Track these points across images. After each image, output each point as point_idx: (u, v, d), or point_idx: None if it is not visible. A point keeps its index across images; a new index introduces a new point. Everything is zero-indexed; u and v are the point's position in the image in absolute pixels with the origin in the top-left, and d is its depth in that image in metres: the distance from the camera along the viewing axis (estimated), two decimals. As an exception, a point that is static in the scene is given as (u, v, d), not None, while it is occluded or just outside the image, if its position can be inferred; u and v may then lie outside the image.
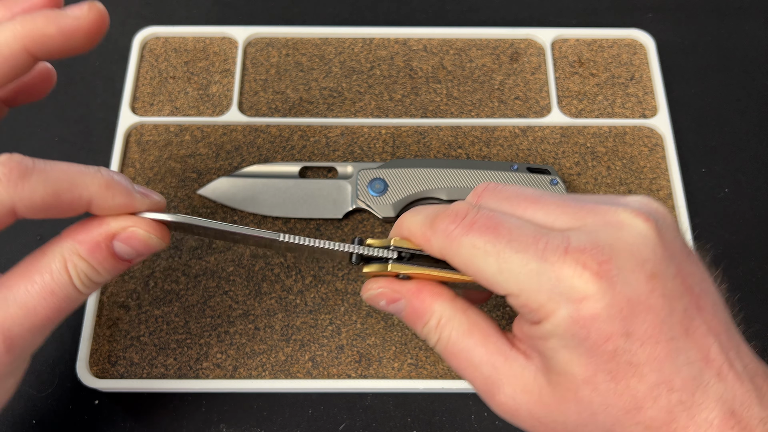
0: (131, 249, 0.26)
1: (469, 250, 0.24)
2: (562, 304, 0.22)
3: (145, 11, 0.48)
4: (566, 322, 0.22)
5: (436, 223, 0.25)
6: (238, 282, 0.38)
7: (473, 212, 0.24)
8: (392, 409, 0.36)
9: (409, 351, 0.37)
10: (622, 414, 0.22)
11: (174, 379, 0.36)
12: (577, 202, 0.24)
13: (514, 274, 0.23)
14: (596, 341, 0.22)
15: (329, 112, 0.44)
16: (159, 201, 0.27)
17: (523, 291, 0.23)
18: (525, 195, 0.25)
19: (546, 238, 0.23)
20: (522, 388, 0.24)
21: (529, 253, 0.23)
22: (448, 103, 0.44)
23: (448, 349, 0.26)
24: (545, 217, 0.24)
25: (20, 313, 0.24)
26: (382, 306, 0.27)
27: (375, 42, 0.46)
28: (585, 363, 0.22)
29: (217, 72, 0.45)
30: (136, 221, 0.25)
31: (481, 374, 0.25)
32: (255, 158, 0.42)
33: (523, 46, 0.46)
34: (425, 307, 0.26)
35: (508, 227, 0.23)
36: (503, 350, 0.25)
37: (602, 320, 0.22)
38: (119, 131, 0.43)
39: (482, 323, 0.26)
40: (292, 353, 0.37)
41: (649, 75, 0.46)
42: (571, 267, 0.22)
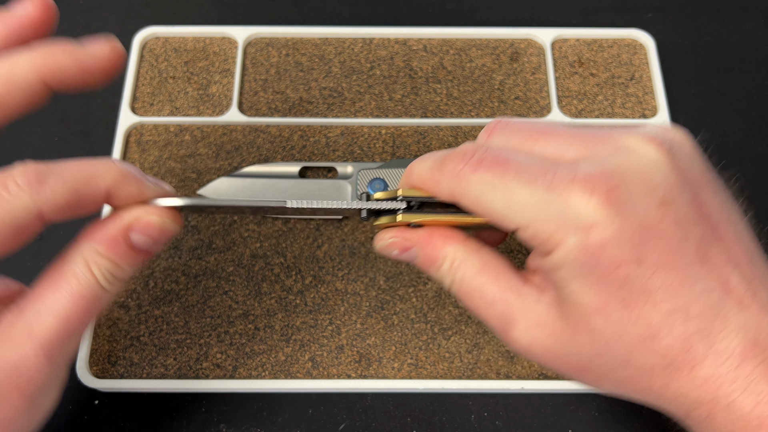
0: (148, 237, 0.26)
1: (477, 186, 0.23)
2: (570, 233, 0.22)
3: (145, 11, 0.48)
4: (575, 250, 0.22)
5: (445, 164, 0.25)
6: (238, 282, 0.38)
7: (481, 150, 0.24)
8: (392, 410, 0.36)
9: (409, 351, 0.37)
10: (636, 343, 0.22)
11: (174, 379, 0.36)
12: (589, 132, 0.24)
13: (522, 207, 0.22)
14: (606, 268, 0.21)
15: (329, 112, 0.44)
16: (169, 190, 0.27)
17: (532, 222, 0.22)
18: (535, 128, 0.25)
19: (554, 169, 0.22)
20: (535, 321, 0.24)
21: (537, 185, 0.22)
22: (448, 103, 0.44)
23: (462, 289, 0.26)
24: (555, 148, 0.24)
25: (55, 322, 0.24)
26: (395, 255, 0.27)
27: (375, 42, 0.46)
28: (596, 291, 0.22)
29: (217, 72, 0.45)
30: (148, 209, 0.26)
31: (495, 311, 0.25)
32: (255, 158, 0.42)
33: (523, 46, 0.46)
34: (437, 251, 0.26)
35: (516, 161, 0.23)
36: (516, 286, 0.25)
37: (612, 247, 0.21)
38: (119, 131, 0.43)
39: (494, 261, 0.26)
40: (291, 353, 0.37)
41: (649, 75, 0.46)
42: (579, 194, 0.21)
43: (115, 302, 0.38)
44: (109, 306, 0.38)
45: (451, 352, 0.37)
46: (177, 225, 0.26)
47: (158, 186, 0.26)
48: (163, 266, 0.39)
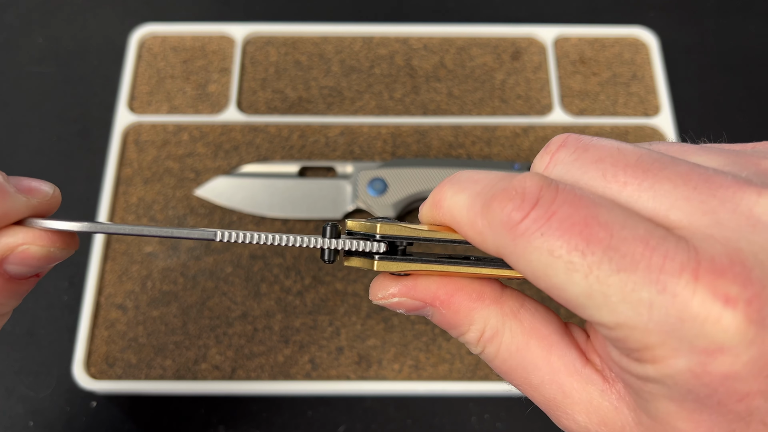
0: (30, 267, 0.20)
1: (545, 257, 0.16)
2: (681, 353, 0.15)
3: (143, 9, 0.48)
4: (684, 376, 0.16)
5: (493, 209, 0.17)
6: (237, 283, 0.38)
7: (549, 193, 0.16)
8: (392, 412, 0.36)
9: (410, 353, 0.37)
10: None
11: (172, 381, 0.36)
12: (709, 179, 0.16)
13: (612, 303, 0.16)
14: (723, 401, 0.16)
15: (329, 111, 0.44)
16: (47, 193, 0.20)
17: (623, 326, 0.16)
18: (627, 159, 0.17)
19: (665, 246, 0.15)
20: (599, 419, 0.19)
21: (639, 273, 0.15)
22: (448, 102, 0.44)
23: (497, 364, 0.20)
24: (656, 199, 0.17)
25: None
26: (401, 311, 0.21)
27: (375, 40, 0.46)
28: (698, 421, 0.17)
29: (216, 71, 0.45)
30: (25, 236, 0.19)
31: (543, 395, 0.19)
32: (253, 157, 0.42)
33: (524, 45, 0.46)
34: (461, 318, 0.20)
35: (605, 223, 0.16)
36: (574, 367, 0.19)
37: (741, 378, 0.15)
38: (117, 130, 0.42)
39: (542, 328, 0.19)
40: (291, 355, 0.36)
41: (651, 74, 0.45)
42: (706, 303, 0.15)
43: (112, 303, 0.38)
44: (106, 307, 0.38)
45: (451, 353, 0.37)
46: (69, 249, 0.20)
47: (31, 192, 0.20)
48: (161, 267, 0.38)
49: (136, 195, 0.40)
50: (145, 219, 0.40)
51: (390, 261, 0.19)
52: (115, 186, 0.41)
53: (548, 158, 0.18)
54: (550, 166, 0.18)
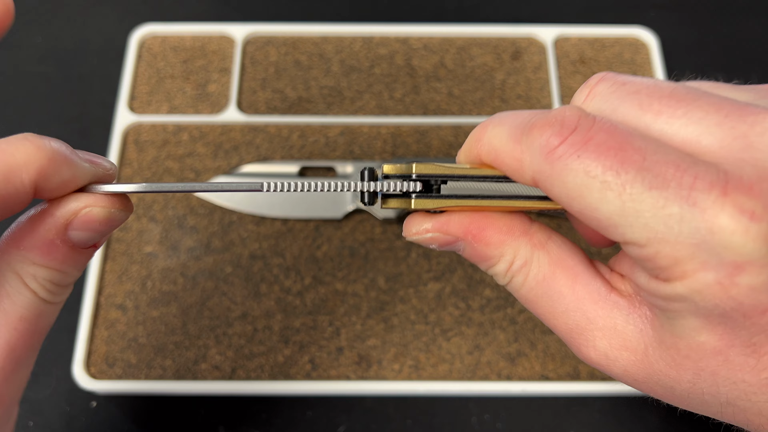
0: (93, 233, 0.20)
1: (581, 178, 0.17)
2: (710, 267, 0.16)
3: (143, 9, 0.48)
4: (712, 289, 0.16)
5: (533, 136, 0.18)
6: (237, 283, 0.38)
7: (587, 122, 0.17)
8: (392, 412, 0.36)
9: (410, 353, 0.37)
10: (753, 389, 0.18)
11: (172, 381, 0.36)
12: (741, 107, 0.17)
13: (645, 219, 0.16)
14: (748, 314, 0.17)
15: (329, 110, 0.43)
16: (108, 167, 0.21)
17: (654, 241, 0.17)
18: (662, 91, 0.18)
19: (695, 168, 0.16)
20: (621, 343, 0.19)
21: (670, 190, 0.16)
22: (448, 101, 0.44)
23: (523, 293, 0.21)
24: (689, 127, 0.17)
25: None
26: (434, 247, 0.22)
27: (375, 40, 0.46)
28: (721, 333, 0.17)
29: (216, 70, 0.45)
30: (87, 199, 0.20)
31: (567, 323, 0.20)
32: (253, 157, 0.42)
33: (524, 45, 0.46)
34: (491, 250, 0.21)
35: (639, 148, 0.17)
36: (598, 294, 0.20)
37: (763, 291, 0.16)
38: (116, 130, 0.42)
39: (568, 259, 0.20)
40: (291, 355, 0.36)
41: (651, 74, 0.45)
42: (733, 216, 0.16)
43: (112, 303, 0.38)
44: (106, 307, 0.38)
45: (451, 353, 0.37)
46: (126, 212, 0.21)
47: (94, 164, 0.21)
48: (161, 267, 0.38)
49: (135, 195, 0.40)
50: (144, 219, 0.40)
51: (426, 199, 0.20)
52: (114, 186, 0.41)
53: (587, 91, 0.19)
54: (589, 98, 0.19)
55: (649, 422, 0.36)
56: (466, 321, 0.37)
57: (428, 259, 0.39)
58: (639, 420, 0.36)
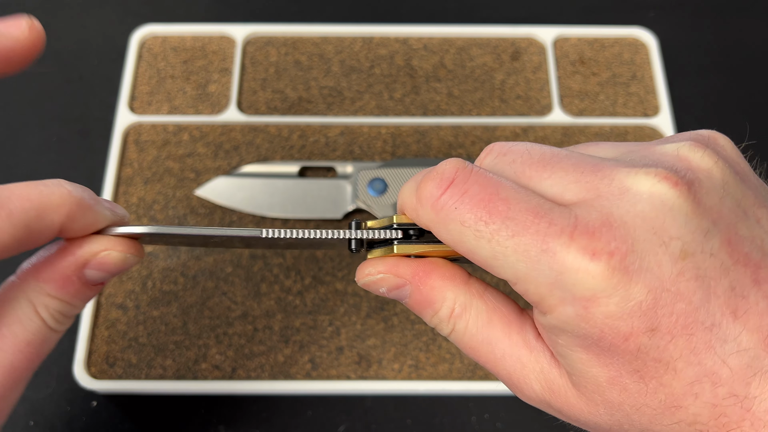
0: (106, 273, 0.23)
1: (458, 227, 0.20)
2: (567, 301, 0.19)
3: (143, 10, 0.48)
4: (574, 320, 0.19)
5: (421, 189, 0.21)
6: (237, 283, 0.38)
7: (464, 173, 0.20)
8: (392, 411, 0.36)
9: (410, 352, 0.37)
10: (658, 413, 0.19)
11: (172, 381, 0.36)
12: (595, 165, 0.20)
13: (511, 261, 0.19)
14: (613, 341, 0.19)
15: (329, 111, 0.44)
16: (123, 214, 0.23)
17: (521, 280, 0.19)
18: (533, 158, 0.21)
19: (549, 215, 0.19)
20: (549, 387, 0.21)
21: (528, 237, 0.19)
22: (448, 102, 0.44)
23: (465, 341, 0.23)
24: (553, 186, 0.20)
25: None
26: (382, 293, 0.24)
27: (375, 40, 0.46)
28: (605, 363, 0.19)
29: (216, 71, 0.45)
30: (107, 242, 0.22)
31: (505, 369, 0.22)
32: (254, 158, 0.42)
33: (524, 45, 0.46)
34: (434, 294, 0.23)
35: (504, 198, 0.20)
36: (528, 341, 0.22)
37: (617, 319, 0.18)
38: (117, 130, 0.42)
39: (503, 308, 0.22)
40: (291, 354, 0.37)
41: (651, 74, 0.45)
42: (577, 257, 0.18)
43: (112, 303, 0.38)
44: (106, 307, 0.38)
45: (451, 353, 0.37)
46: (139, 257, 0.23)
47: (113, 211, 0.23)
48: (162, 267, 0.39)
49: (136, 195, 0.41)
50: (145, 219, 0.40)
51: (407, 245, 0.23)
52: (115, 186, 0.41)
53: (478, 164, 0.22)
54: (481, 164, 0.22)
55: None
56: (465, 321, 0.37)
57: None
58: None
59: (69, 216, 0.21)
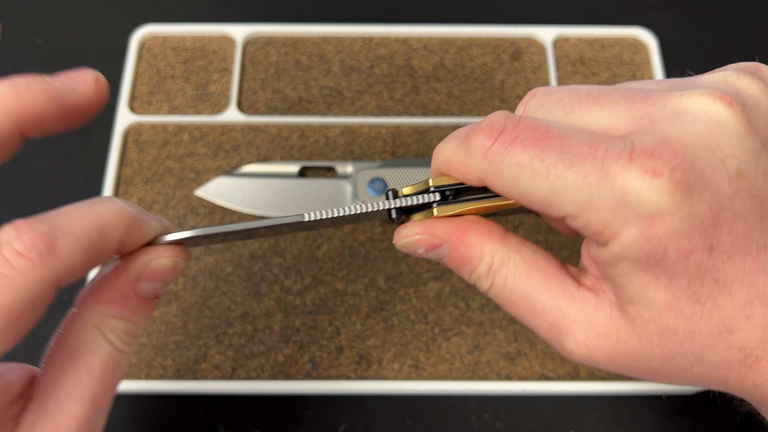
0: (158, 283, 0.23)
1: (513, 169, 0.20)
2: (630, 222, 0.19)
3: (143, 9, 0.48)
4: (638, 241, 0.19)
5: (470, 142, 0.21)
6: (237, 283, 0.38)
7: (513, 122, 0.20)
8: (392, 411, 0.36)
9: (410, 352, 0.37)
10: (711, 339, 0.20)
11: (172, 380, 0.36)
12: (645, 94, 0.20)
13: (570, 193, 0.19)
14: (675, 260, 0.19)
15: (329, 111, 0.44)
16: (167, 224, 0.24)
17: (583, 210, 0.19)
18: (580, 94, 0.21)
19: (605, 144, 0.19)
20: (596, 332, 0.21)
21: (586, 165, 0.19)
22: (448, 102, 0.44)
23: (504, 295, 0.23)
24: (604, 117, 0.20)
25: (81, 408, 0.21)
26: (420, 253, 0.24)
27: (375, 40, 0.46)
28: (665, 286, 0.19)
29: (216, 71, 0.45)
30: (155, 252, 0.22)
31: (546, 321, 0.22)
32: (254, 158, 0.42)
33: (524, 45, 0.46)
34: (472, 250, 0.23)
35: (557, 136, 0.20)
36: (569, 291, 0.22)
37: (680, 236, 0.19)
38: (117, 130, 0.42)
39: (541, 262, 0.22)
40: (291, 354, 0.37)
41: (651, 74, 0.45)
42: (639, 176, 0.18)
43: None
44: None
45: (451, 353, 0.37)
46: (187, 260, 0.23)
47: (160, 221, 0.23)
48: (162, 267, 0.39)
49: (136, 195, 0.41)
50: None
51: (447, 205, 0.23)
52: (115, 186, 0.41)
53: (522, 107, 0.23)
54: (525, 113, 0.22)
55: (648, 422, 0.36)
56: (465, 321, 0.37)
57: (428, 259, 0.39)
58: (639, 419, 0.36)
59: (127, 232, 0.21)
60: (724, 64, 0.50)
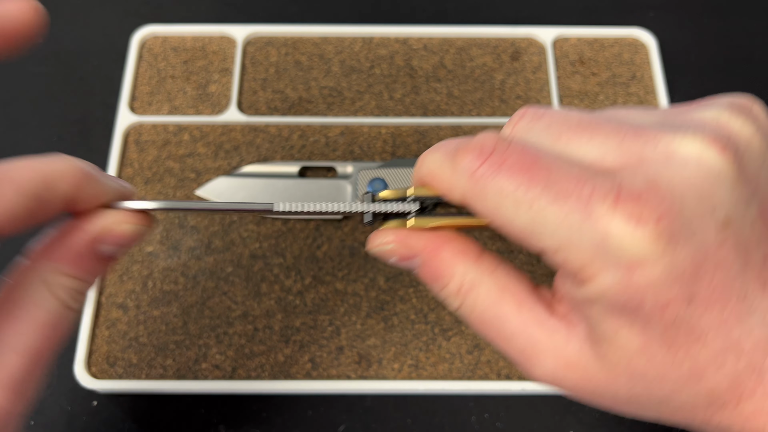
0: (119, 247, 0.23)
1: (496, 196, 0.19)
2: (610, 268, 0.18)
3: (144, 10, 0.48)
4: (614, 288, 0.18)
5: (458, 160, 0.20)
6: (237, 282, 0.38)
7: (502, 146, 0.20)
8: (392, 411, 0.36)
9: (410, 352, 0.37)
10: (679, 384, 0.19)
11: (173, 380, 0.36)
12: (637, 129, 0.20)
13: (551, 228, 0.19)
14: (651, 310, 0.18)
15: (329, 111, 0.44)
16: (130, 189, 0.23)
17: (562, 248, 0.19)
18: (570, 122, 0.21)
19: (592, 182, 0.18)
20: (565, 362, 0.21)
21: (570, 203, 0.18)
22: (448, 102, 0.44)
23: (474, 317, 0.22)
24: (594, 150, 0.20)
25: (20, 360, 0.21)
26: (392, 262, 0.24)
27: (375, 41, 0.46)
28: (637, 333, 0.19)
29: (216, 71, 0.45)
30: (118, 216, 0.22)
31: (516, 346, 0.22)
32: (254, 158, 0.42)
33: (524, 45, 0.46)
34: (444, 268, 0.22)
35: (545, 167, 0.19)
36: (541, 318, 0.21)
37: (659, 286, 0.18)
38: (117, 131, 0.43)
39: (514, 286, 0.22)
40: (291, 354, 0.37)
41: (650, 74, 0.45)
42: (623, 222, 0.18)
43: (113, 303, 0.38)
44: (107, 307, 0.38)
45: (451, 353, 0.37)
46: (149, 228, 0.23)
47: (120, 185, 0.23)
48: (162, 267, 0.39)
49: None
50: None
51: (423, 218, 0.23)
52: (115, 186, 0.41)
53: (510, 128, 0.22)
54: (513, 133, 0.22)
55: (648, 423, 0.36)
56: (465, 320, 0.37)
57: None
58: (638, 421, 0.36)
59: (76, 185, 0.21)
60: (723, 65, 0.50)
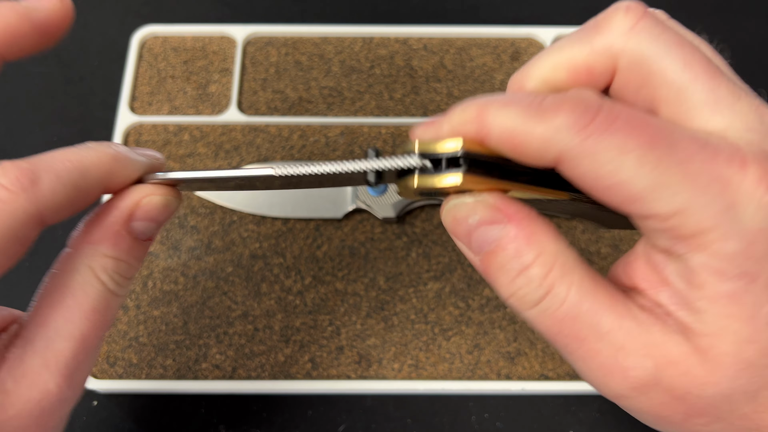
0: (152, 222, 0.23)
1: (613, 154, 0.17)
2: (732, 235, 0.17)
3: (144, 10, 0.48)
4: (733, 256, 0.17)
5: (560, 115, 0.18)
6: (237, 282, 0.38)
7: (608, 103, 0.18)
8: (392, 411, 0.36)
9: (410, 352, 0.37)
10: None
11: (173, 380, 0.36)
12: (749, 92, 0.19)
13: (673, 190, 0.17)
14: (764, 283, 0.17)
15: (329, 111, 0.44)
16: (159, 157, 0.24)
17: (681, 212, 0.17)
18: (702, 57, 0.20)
19: (715, 144, 0.17)
20: (666, 359, 0.18)
21: (697, 162, 0.17)
22: (448, 102, 0.44)
23: (561, 311, 0.19)
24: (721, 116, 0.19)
25: (70, 346, 0.21)
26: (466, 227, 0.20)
27: (375, 41, 0.46)
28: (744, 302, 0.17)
29: (216, 71, 0.45)
30: (146, 190, 0.23)
31: (610, 344, 0.18)
32: (254, 158, 0.42)
33: (524, 45, 0.46)
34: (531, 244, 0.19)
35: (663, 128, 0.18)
36: (634, 313, 0.19)
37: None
38: (118, 130, 0.43)
39: (600, 277, 0.19)
40: (291, 354, 0.37)
41: (650, 74, 0.45)
42: (752, 186, 0.17)
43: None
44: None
45: (451, 352, 0.37)
46: (178, 200, 0.24)
47: (148, 156, 0.23)
48: (162, 267, 0.39)
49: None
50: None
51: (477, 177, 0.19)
52: (116, 186, 0.41)
53: (634, 21, 0.20)
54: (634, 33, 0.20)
55: (648, 421, 0.36)
56: (465, 320, 0.37)
57: (428, 259, 0.39)
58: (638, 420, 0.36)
59: (108, 170, 0.21)
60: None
